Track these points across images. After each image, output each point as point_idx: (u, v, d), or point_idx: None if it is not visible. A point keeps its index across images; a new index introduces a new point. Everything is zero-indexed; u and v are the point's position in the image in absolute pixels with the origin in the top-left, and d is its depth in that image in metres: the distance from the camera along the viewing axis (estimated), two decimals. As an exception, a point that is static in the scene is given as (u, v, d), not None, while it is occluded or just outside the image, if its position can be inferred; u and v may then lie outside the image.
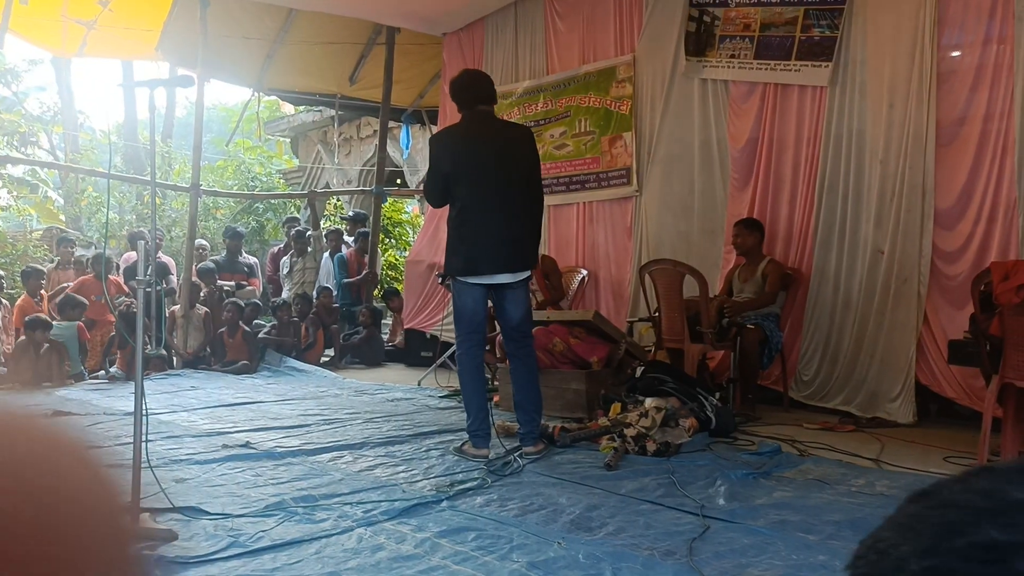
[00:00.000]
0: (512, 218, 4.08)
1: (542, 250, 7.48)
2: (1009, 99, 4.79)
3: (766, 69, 5.99)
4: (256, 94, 10.26)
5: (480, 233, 4.08)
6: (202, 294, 8.67)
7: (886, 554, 0.39)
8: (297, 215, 12.31)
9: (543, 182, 7.60)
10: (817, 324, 5.66)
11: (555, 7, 7.76)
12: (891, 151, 5.29)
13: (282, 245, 10.41)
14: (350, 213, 11.52)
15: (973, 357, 4.30)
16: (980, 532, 0.36)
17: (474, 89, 4.22)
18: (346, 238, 10.25)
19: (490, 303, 4.33)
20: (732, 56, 6.21)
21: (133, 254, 9.24)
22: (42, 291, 8.18)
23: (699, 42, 6.43)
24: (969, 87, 5.00)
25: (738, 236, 5.77)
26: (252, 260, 10.42)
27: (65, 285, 8.25)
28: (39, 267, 8.46)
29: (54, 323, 7.44)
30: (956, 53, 5.11)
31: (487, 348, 6.65)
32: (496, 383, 6.17)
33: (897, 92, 5.28)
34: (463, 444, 4.23)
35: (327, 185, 14.30)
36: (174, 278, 9.21)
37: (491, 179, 4.08)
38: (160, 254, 9.31)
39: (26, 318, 7.31)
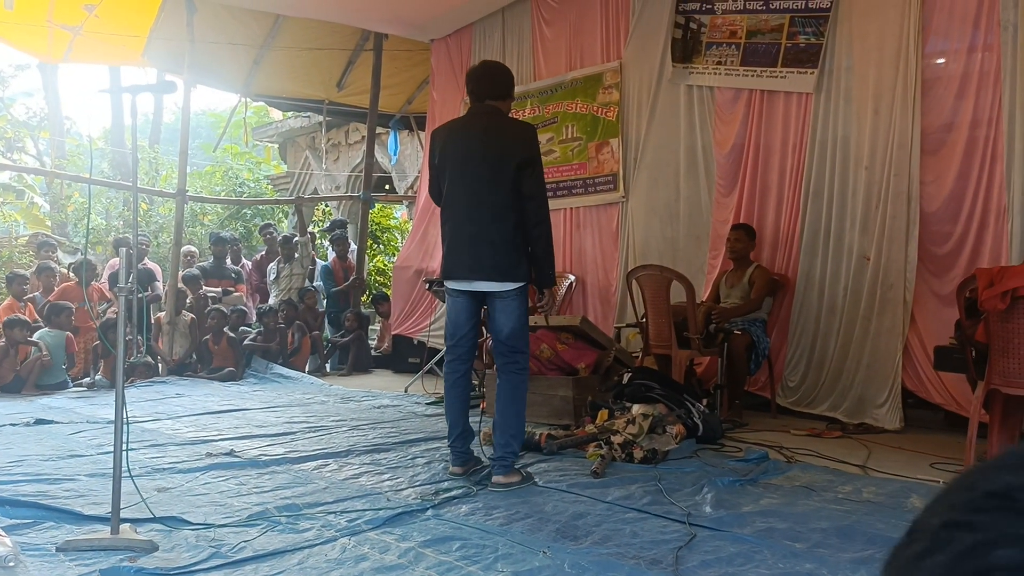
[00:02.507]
0: (494, 221, 3.67)
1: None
2: (997, 106, 4.81)
3: (752, 76, 6.01)
4: (243, 100, 10.23)
5: (460, 233, 3.75)
6: (188, 301, 8.62)
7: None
8: (272, 221, 12.28)
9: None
10: (803, 330, 5.67)
11: (542, 14, 7.77)
12: (876, 157, 5.31)
13: (264, 252, 10.37)
14: (328, 223, 11.52)
15: (959, 363, 4.31)
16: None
17: (483, 82, 3.86)
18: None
19: None
20: (718, 63, 6.23)
21: (117, 260, 9.18)
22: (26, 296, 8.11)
23: (685, 49, 6.45)
24: (955, 94, 5.02)
25: (738, 241, 5.76)
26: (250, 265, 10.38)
27: (33, 296, 8.17)
28: (22, 272, 8.38)
29: (43, 330, 7.38)
30: (941, 60, 5.13)
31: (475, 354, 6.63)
32: (483, 389, 6.15)
33: (882, 99, 5.30)
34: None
35: (315, 191, 14.28)
36: (160, 284, 9.15)
37: (474, 175, 3.73)
38: (146, 260, 9.25)
39: (5, 319, 7.25)
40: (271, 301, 9.24)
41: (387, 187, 13.53)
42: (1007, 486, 0.36)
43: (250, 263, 10.46)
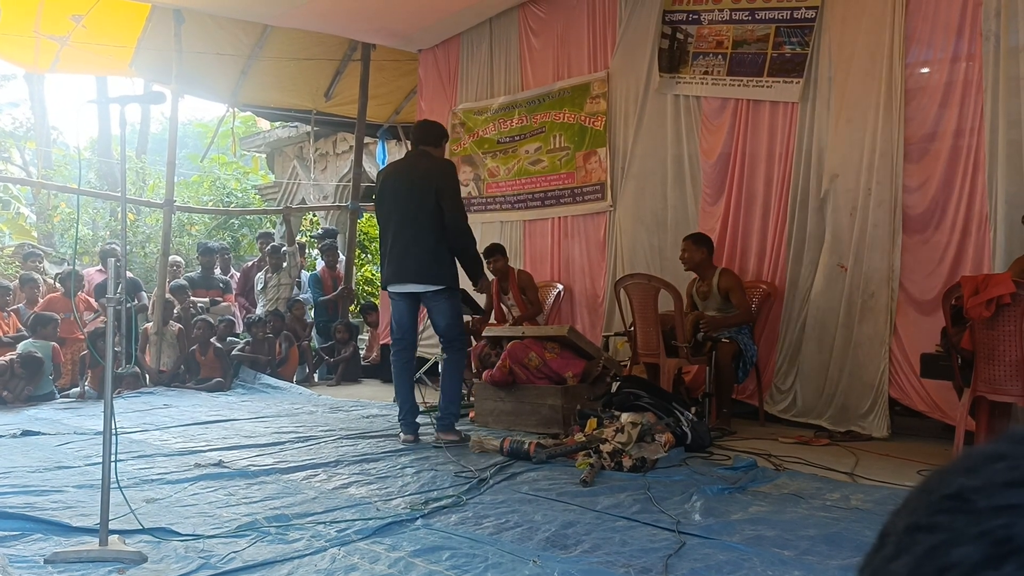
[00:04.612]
0: (418, 237, 4.77)
1: (518, 265, 7.51)
2: (979, 115, 4.86)
3: (738, 85, 6.05)
4: (231, 110, 10.22)
5: (392, 249, 4.88)
6: (176, 311, 8.59)
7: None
8: (271, 230, 12.23)
9: (519, 197, 7.77)
10: (791, 338, 5.70)
11: (529, 24, 7.81)
12: (860, 166, 5.35)
13: (256, 260, 10.34)
14: (318, 231, 11.50)
15: (945, 371, 4.35)
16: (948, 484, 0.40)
17: (419, 133, 5.16)
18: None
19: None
20: (705, 72, 6.27)
21: (91, 270, 9.14)
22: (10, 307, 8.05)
23: (672, 59, 6.49)
24: (938, 103, 5.07)
25: (685, 251, 5.75)
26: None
27: (17, 307, 8.11)
28: (5, 283, 8.33)
29: (27, 341, 7.33)
30: (924, 70, 5.19)
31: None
32: (472, 399, 6.15)
33: (866, 107, 5.34)
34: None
35: (303, 201, 14.24)
36: (145, 295, 9.12)
37: (401, 204, 4.85)
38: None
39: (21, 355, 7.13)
40: (258, 311, 9.21)
41: (375, 197, 13.50)
42: (961, 488, 0.39)
43: (239, 272, 10.43)
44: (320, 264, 10.52)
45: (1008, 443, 0.40)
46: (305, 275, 10.09)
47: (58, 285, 8.65)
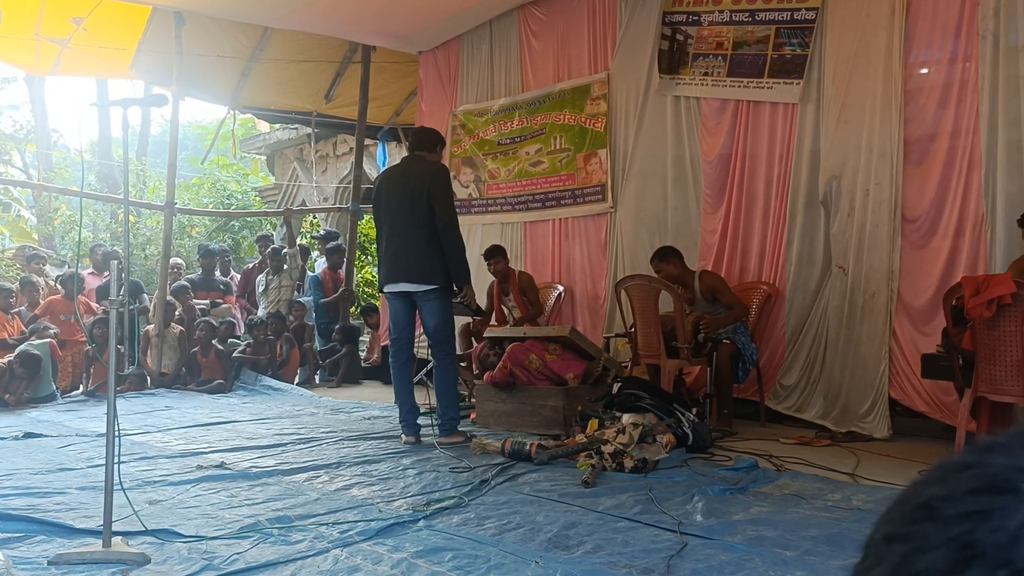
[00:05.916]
0: (410, 237, 4.88)
1: (519, 266, 7.52)
2: (975, 115, 4.87)
3: (738, 86, 6.06)
4: (231, 112, 10.22)
5: (387, 250, 5.01)
6: (177, 313, 8.59)
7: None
8: (270, 232, 12.24)
9: (520, 198, 7.76)
10: (792, 339, 5.70)
11: (529, 25, 7.81)
12: (860, 167, 5.35)
13: (256, 262, 10.35)
14: (322, 232, 11.52)
15: (946, 371, 4.35)
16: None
17: (415, 139, 5.30)
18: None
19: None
20: (705, 74, 6.28)
21: (85, 272, 9.14)
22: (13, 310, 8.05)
23: (672, 60, 6.50)
24: (936, 103, 5.08)
25: (659, 271, 5.72)
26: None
27: (19, 310, 8.12)
28: (8, 285, 8.33)
29: (24, 344, 7.34)
30: (924, 70, 5.19)
31: (463, 364, 6.68)
32: (473, 400, 6.16)
33: (866, 108, 5.35)
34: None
35: (303, 203, 14.26)
36: (146, 297, 9.12)
37: (395, 206, 4.97)
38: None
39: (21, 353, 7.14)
40: (259, 313, 9.21)
41: (372, 201, 13.47)
42: (929, 497, 0.41)
43: (239, 274, 10.44)
44: (319, 267, 10.52)
45: (975, 453, 0.42)
46: (308, 275, 10.10)
47: (59, 287, 8.66)
